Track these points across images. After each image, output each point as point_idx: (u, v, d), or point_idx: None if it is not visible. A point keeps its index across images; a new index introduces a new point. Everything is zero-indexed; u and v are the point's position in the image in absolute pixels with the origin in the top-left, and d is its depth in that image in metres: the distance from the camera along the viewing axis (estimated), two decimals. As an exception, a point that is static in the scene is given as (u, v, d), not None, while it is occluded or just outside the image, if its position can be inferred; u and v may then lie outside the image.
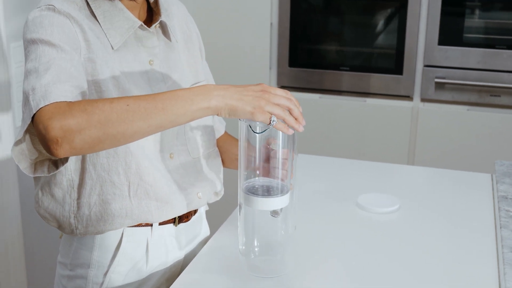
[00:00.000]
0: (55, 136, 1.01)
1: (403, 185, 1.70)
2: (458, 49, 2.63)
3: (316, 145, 2.82)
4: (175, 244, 1.35)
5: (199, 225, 1.43)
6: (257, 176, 1.18)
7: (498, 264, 1.28)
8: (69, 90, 1.08)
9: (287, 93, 1.13)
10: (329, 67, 2.80)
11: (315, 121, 2.82)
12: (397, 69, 2.71)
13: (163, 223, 1.31)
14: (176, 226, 1.34)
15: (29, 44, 1.15)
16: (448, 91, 2.67)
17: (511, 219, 1.42)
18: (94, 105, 1.03)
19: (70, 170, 1.23)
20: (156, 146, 1.28)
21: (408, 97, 2.73)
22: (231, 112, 1.08)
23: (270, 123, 1.08)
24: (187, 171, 1.34)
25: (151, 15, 1.32)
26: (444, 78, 2.65)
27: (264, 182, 1.17)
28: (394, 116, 2.74)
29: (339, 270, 1.26)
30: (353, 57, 2.83)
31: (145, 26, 1.27)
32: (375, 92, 2.76)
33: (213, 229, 1.47)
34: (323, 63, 2.82)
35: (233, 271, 1.23)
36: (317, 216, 1.49)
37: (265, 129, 1.12)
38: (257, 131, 1.13)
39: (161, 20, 1.29)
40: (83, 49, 1.18)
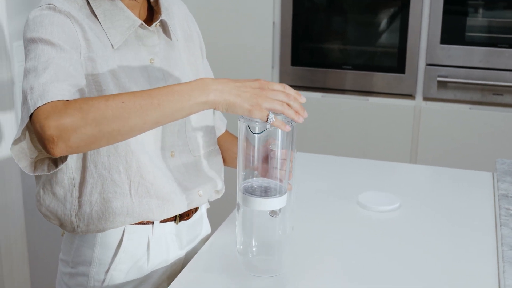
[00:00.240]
0: (51, 135, 1.02)
1: (404, 184, 1.70)
2: (460, 48, 2.62)
3: (318, 144, 2.82)
4: (176, 242, 1.36)
5: (200, 224, 1.43)
6: (255, 176, 1.17)
7: (498, 262, 1.28)
8: (67, 89, 1.08)
9: (285, 87, 1.12)
10: (332, 66, 2.80)
11: (318, 120, 2.82)
12: (399, 68, 2.71)
13: (164, 221, 1.32)
14: (177, 224, 1.34)
15: (29, 43, 1.15)
16: (450, 90, 2.66)
17: (511, 217, 1.42)
18: (89, 103, 1.03)
19: (71, 168, 1.24)
20: (157, 144, 1.29)
21: (410, 96, 2.73)
22: (229, 107, 1.08)
23: (267, 120, 1.08)
24: (188, 169, 1.34)
25: (151, 14, 1.32)
26: (446, 77, 2.65)
27: (262, 182, 1.17)
28: (396, 115, 2.74)
29: (338, 268, 1.26)
30: (356, 56, 2.82)
31: (146, 25, 1.27)
32: (378, 91, 2.76)
33: (214, 227, 1.47)
34: (326, 62, 2.82)
35: (233, 270, 1.23)
36: (318, 214, 1.49)
37: (264, 130, 1.12)
38: (255, 132, 1.12)
39: (161, 19, 1.29)
40: (83, 48, 1.19)
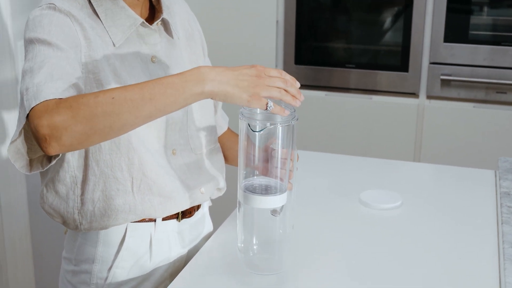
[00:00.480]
0: (44, 134, 1.02)
1: (406, 182, 1.70)
2: (464, 46, 2.62)
3: (322, 142, 2.82)
4: (178, 240, 1.36)
5: (202, 223, 1.44)
6: (256, 175, 1.17)
7: (499, 259, 1.28)
8: (61, 87, 1.07)
9: (282, 73, 1.11)
10: (335, 65, 2.80)
11: (322, 118, 2.82)
12: (403, 66, 2.71)
13: (166, 218, 1.32)
14: (179, 221, 1.35)
15: (28, 43, 1.16)
16: (454, 88, 2.66)
17: (512, 215, 1.43)
18: (79, 101, 1.03)
19: (73, 167, 1.24)
20: (158, 142, 1.29)
21: (414, 94, 2.73)
22: (227, 98, 1.06)
23: (267, 109, 1.07)
24: (189, 167, 1.35)
25: (153, 13, 1.33)
26: (450, 75, 2.64)
27: (263, 180, 1.17)
28: (400, 113, 2.74)
29: (340, 267, 1.26)
30: (359, 55, 2.82)
31: (147, 23, 1.28)
32: (381, 89, 2.76)
33: (216, 225, 1.48)
34: (329, 60, 2.82)
35: (235, 267, 1.24)
36: (319, 212, 1.50)
37: (264, 128, 1.12)
38: (256, 130, 1.12)
39: (163, 17, 1.30)
40: (83, 47, 1.19)
